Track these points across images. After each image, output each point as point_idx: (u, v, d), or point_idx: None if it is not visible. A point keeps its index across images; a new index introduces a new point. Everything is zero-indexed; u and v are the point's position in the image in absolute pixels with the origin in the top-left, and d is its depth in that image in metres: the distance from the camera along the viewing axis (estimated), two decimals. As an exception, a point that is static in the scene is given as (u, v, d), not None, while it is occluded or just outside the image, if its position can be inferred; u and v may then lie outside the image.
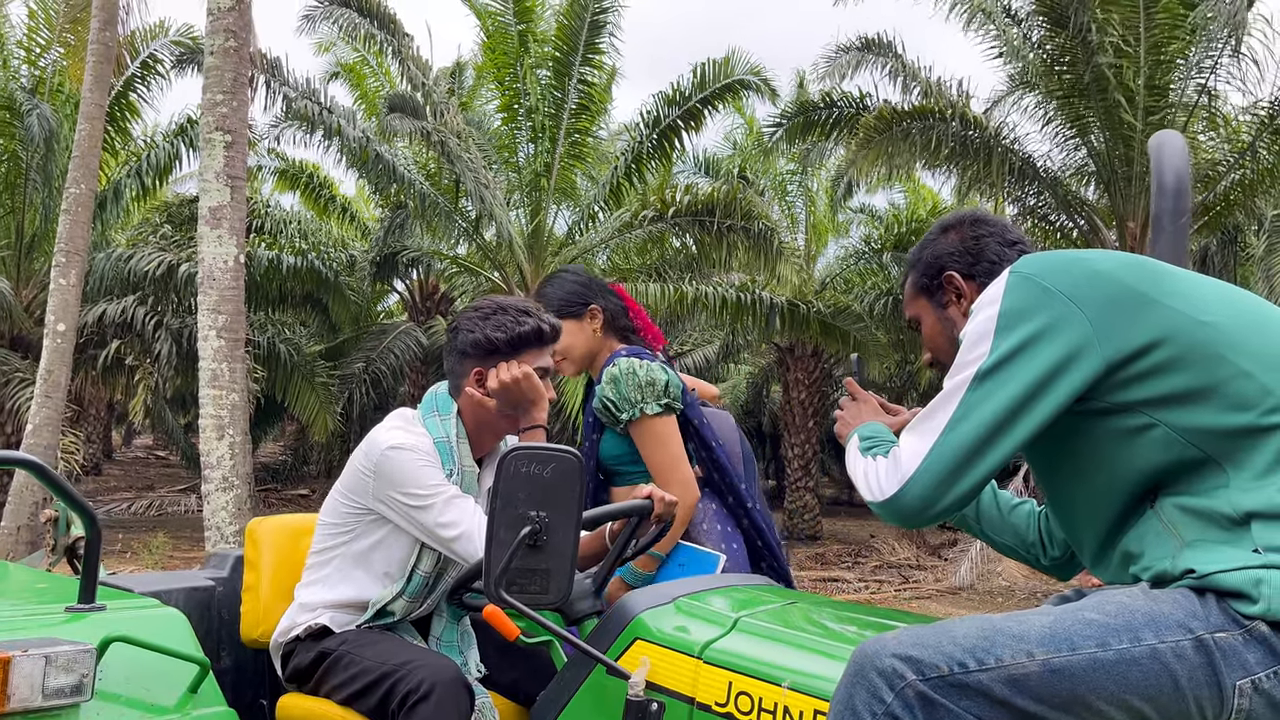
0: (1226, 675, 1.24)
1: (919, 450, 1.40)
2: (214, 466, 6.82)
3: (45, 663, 1.57)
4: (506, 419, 2.19)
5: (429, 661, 1.94)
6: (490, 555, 1.52)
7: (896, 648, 1.30)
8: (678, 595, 1.73)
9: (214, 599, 2.30)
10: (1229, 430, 1.32)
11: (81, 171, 8.94)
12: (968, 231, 1.74)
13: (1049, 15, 11.59)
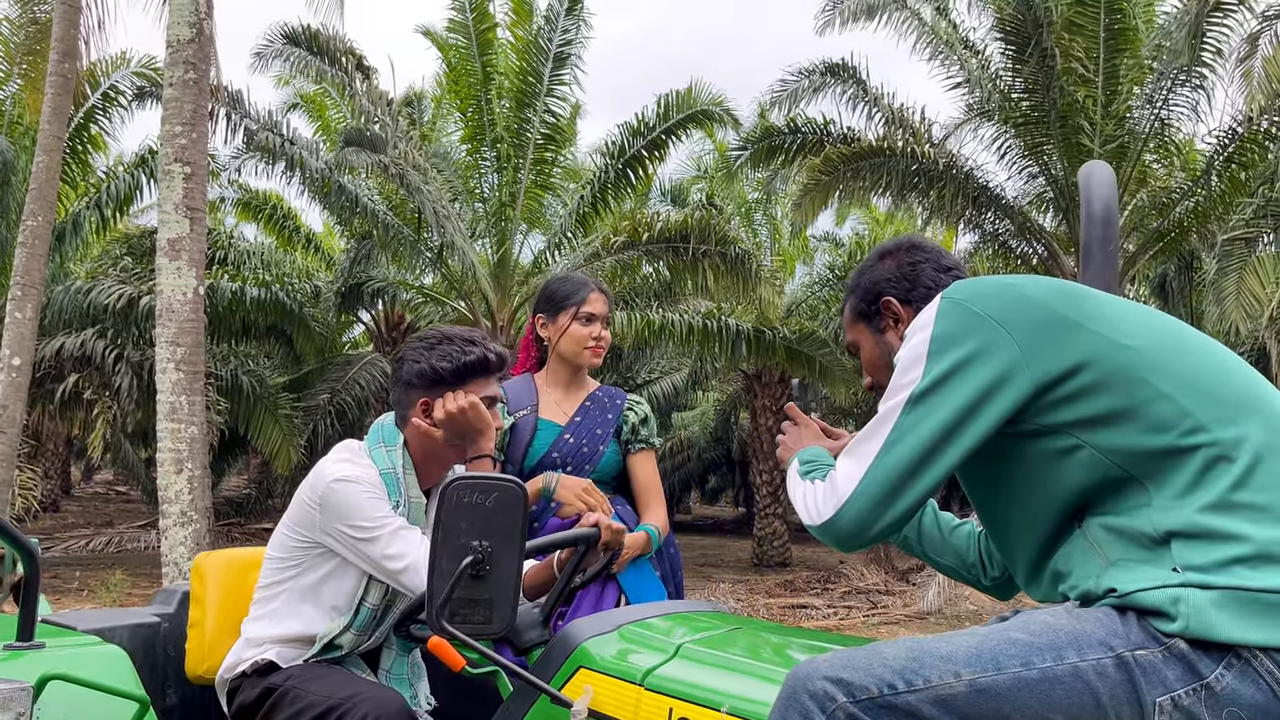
0: (1147, 692, 1.26)
1: (854, 474, 1.43)
2: (172, 501, 6.71)
3: None
4: (454, 449, 2.18)
5: (374, 694, 1.93)
6: (432, 586, 1.50)
7: (828, 670, 1.32)
8: (622, 623, 1.73)
9: (159, 635, 2.26)
10: (1150, 451, 1.35)
11: (39, 204, 8.83)
12: (904, 258, 1.77)
13: (1012, 43, 11.80)
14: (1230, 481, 1.30)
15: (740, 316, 14.31)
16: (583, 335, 2.72)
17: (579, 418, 2.73)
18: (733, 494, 31.18)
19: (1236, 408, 1.35)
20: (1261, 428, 1.34)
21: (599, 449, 2.70)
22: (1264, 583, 1.25)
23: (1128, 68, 11.86)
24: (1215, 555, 1.28)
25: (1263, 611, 1.25)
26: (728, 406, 22.92)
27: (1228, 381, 1.39)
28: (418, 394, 2.18)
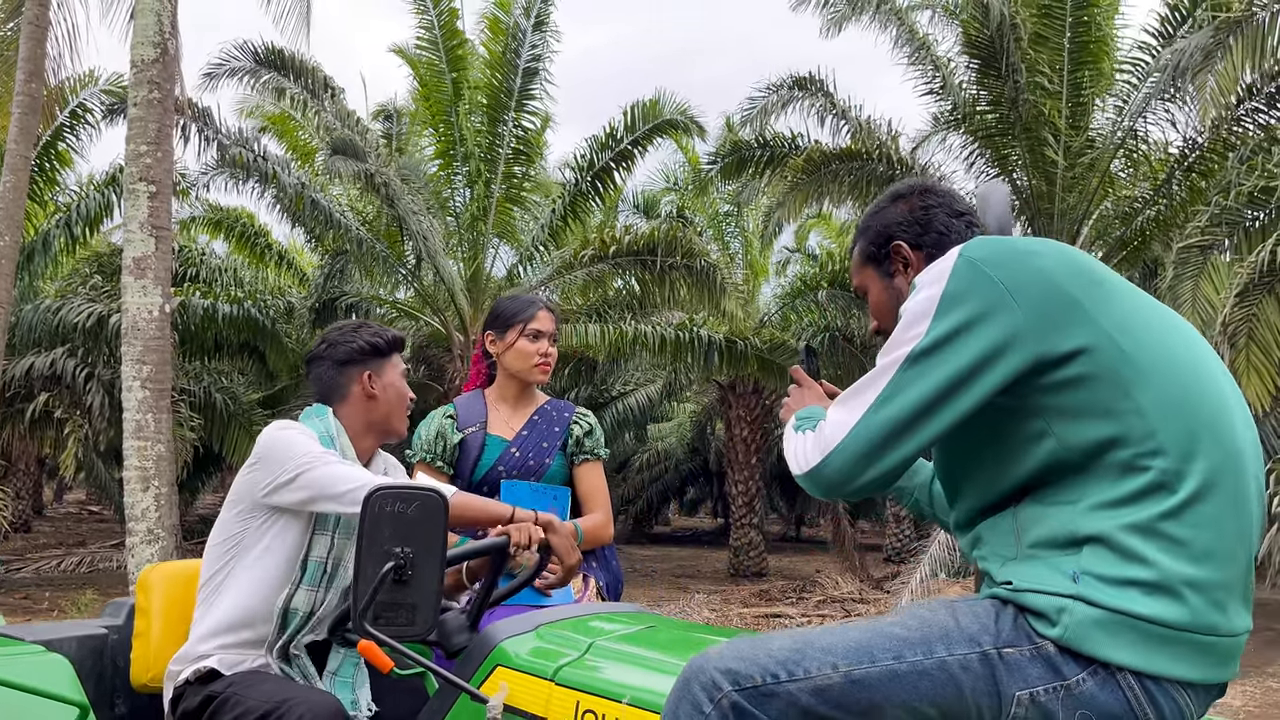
0: (1007, 686, 1.33)
1: (844, 423, 1.43)
2: (139, 519, 6.71)
3: None
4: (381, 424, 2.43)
5: (309, 699, 2.00)
6: (357, 590, 1.57)
7: (719, 661, 1.38)
8: (541, 623, 1.80)
9: (108, 646, 2.30)
10: (1107, 459, 1.36)
11: (6, 224, 8.82)
12: (916, 201, 1.72)
13: (979, 56, 11.96)
14: (1163, 510, 1.32)
15: (713, 328, 14.41)
16: (530, 351, 2.81)
17: (526, 431, 2.82)
18: (711, 505, 31.24)
19: (1200, 439, 1.36)
20: (1213, 464, 1.35)
21: (545, 461, 2.79)
22: (1152, 611, 1.30)
23: (1091, 79, 12.07)
24: (1118, 572, 1.32)
25: (1141, 638, 1.30)
26: (703, 418, 22.99)
27: (1202, 406, 1.38)
28: (357, 369, 2.42)
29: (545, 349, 2.82)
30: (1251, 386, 7.83)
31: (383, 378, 2.43)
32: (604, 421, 19.35)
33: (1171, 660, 1.30)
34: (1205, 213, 9.57)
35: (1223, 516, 1.34)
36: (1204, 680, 1.34)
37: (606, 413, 19.54)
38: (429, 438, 2.83)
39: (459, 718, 1.71)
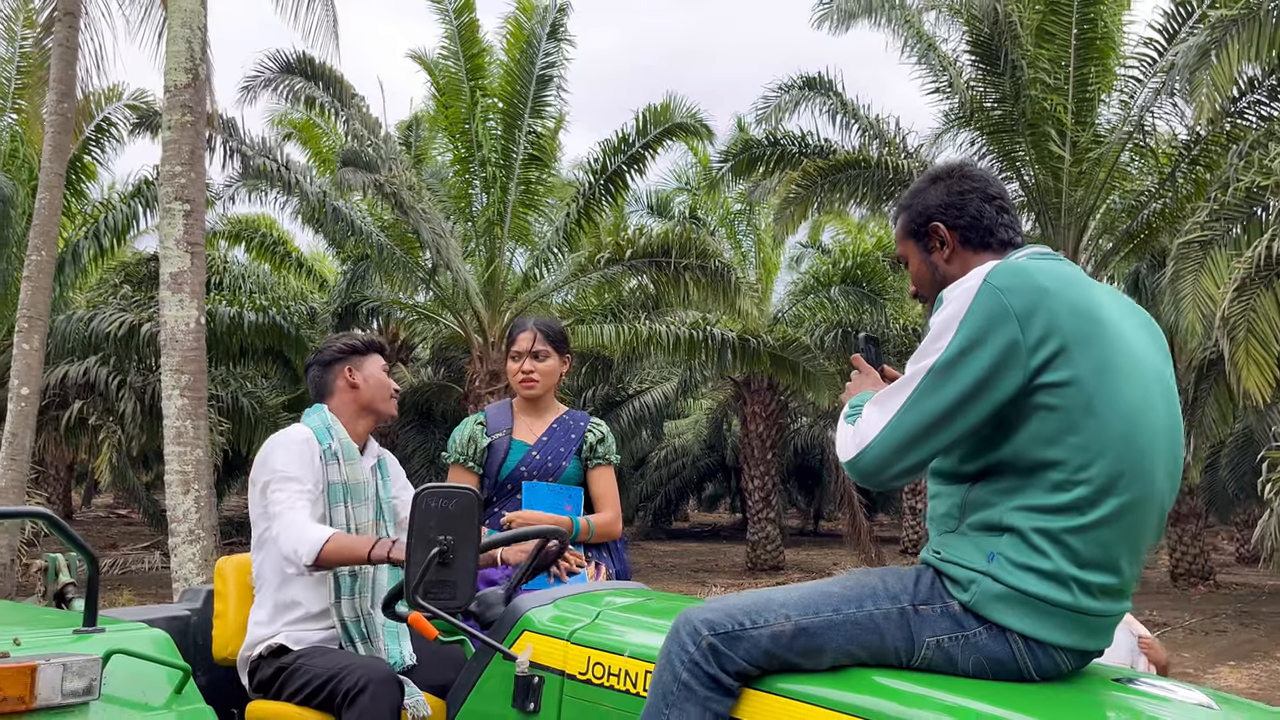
0: (919, 634, 1.69)
1: (877, 424, 1.71)
2: (180, 520, 7.05)
3: (63, 669, 1.99)
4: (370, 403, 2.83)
5: (365, 664, 2.40)
6: (409, 571, 1.92)
7: (700, 614, 1.76)
8: (558, 597, 2.18)
9: (190, 626, 2.70)
10: (1048, 476, 1.65)
11: (42, 239, 9.16)
12: (954, 185, 1.91)
13: (981, 54, 12.14)
14: (1070, 525, 1.64)
15: (726, 325, 14.65)
16: (513, 370, 3.21)
17: (545, 438, 3.19)
18: (729, 500, 31.46)
19: (1121, 479, 1.64)
20: (1123, 501, 1.65)
21: (561, 464, 3.16)
22: (1042, 593, 1.64)
23: (1097, 75, 12.21)
24: (1024, 560, 1.65)
25: (1030, 611, 1.65)
26: (718, 414, 23.19)
27: (1131, 451, 1.65)
28: (340, 365, 2.83)
29: (526, 366, 3.16)
30: (1251, 378, 8.04)
31: (362, 370, 2.82)
32: (620, 419, 19.61)
33: (1051, 629, 1.65)
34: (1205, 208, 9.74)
35: (1115, 540, 1.67)
36: (1076, 646, 1.69)
37: (623, 410, 19.81)
38: (462, 441, 3.19)
39: (493, 674, 2.06)
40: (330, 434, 2.75)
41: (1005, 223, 1.91)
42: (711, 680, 1.70)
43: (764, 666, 1.72)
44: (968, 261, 1.89)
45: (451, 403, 15.79)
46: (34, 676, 1.94)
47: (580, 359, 16.78)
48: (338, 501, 2.70)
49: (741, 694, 1.72)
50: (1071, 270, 1.78)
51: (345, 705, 2.32)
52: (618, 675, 1.89)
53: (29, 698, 1.92)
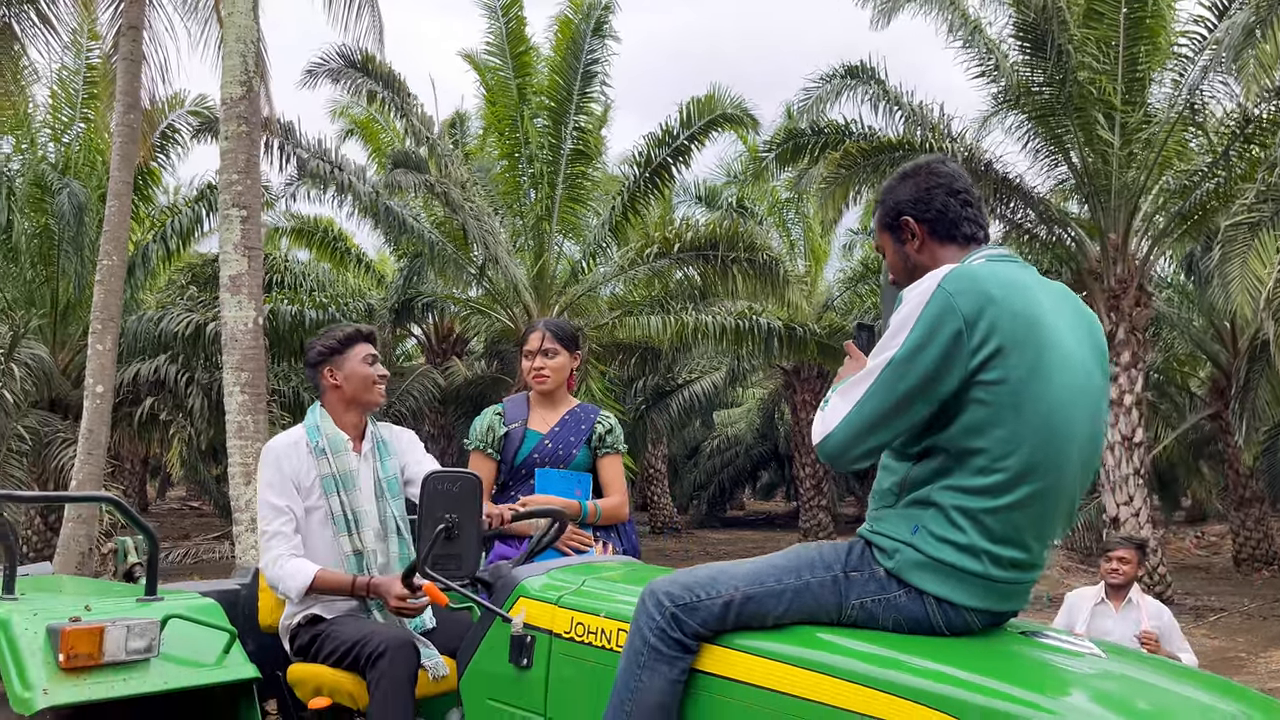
0: (846, 596, 1.94)
1: (840, 411, 1.91)
2: (243, 510, 7.45)
3: (126, 631, 2.36)
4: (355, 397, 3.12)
5: (385, 632, 2.72)
6: (419, 547, 2.21)
7: (661, 585, 2.02)
8: (551, 568, 2.45)
9: (239, 598, 3.05)
10: (976, 462, 1.85)
11: (113, 244, 9.65)
12: (921, 181, 2.08)
13: (1028, 37, 12.03)
14: (986, 506, 1.84)
15: (773, 315, 14.75)
16: (526, 367, 3.50)
17: (558, 428, 3.47)
18: (784, 488, 31.52)
19: (1036, 470, 1.84)
20: (1036, 489, 1.85)
21: (572, 452, 3.44)
22: (957, 562, 1.86)
23: (1147, 54, 12.03)
24: (943, 533, 1.87)
25: (945, 578, 1.87)
26: (770, 402, 23.25)
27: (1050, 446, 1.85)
28: (322, 367, 3.11)
29: (537, 364, 3.45)
30: (1296, 361, 7.97)
31: (342, 369, 3.09)
32: (670, 409, 19.81)
33: (963, 594, 1.87)
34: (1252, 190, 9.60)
35: (1025, 522, 1.88)
36: (987, 609, 1.91)
37: (673, 400, 20.00)
38: (481, 430, 3.48)
39: (495, 635, 2.35)
40: (319, 431, 3.05)
41: (969, 216, 2.08)
42: (675, 643, 1.96)
43: (718, 630, 1.98)
44: (935, 252, 2.07)
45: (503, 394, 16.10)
46: (102, 636, 2.31)
47: (629, 350, 17.00)
48: (331, 491, 2.99)
49: (702, 649, 1.98)
50: (1021, 275, 1.95)
51: (368, 666, 2.63)
52: (596, 634, 2.16)
53: (98, 654, 2.30)
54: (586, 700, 2.11)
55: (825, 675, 1.80)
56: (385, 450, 3.16)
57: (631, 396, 19.80)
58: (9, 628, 2.35)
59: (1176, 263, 16.07)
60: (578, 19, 13.52)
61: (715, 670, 1.95)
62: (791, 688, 1.83)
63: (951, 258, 2.05)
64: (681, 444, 24.74)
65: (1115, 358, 12.10)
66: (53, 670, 2.29)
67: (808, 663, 1.84)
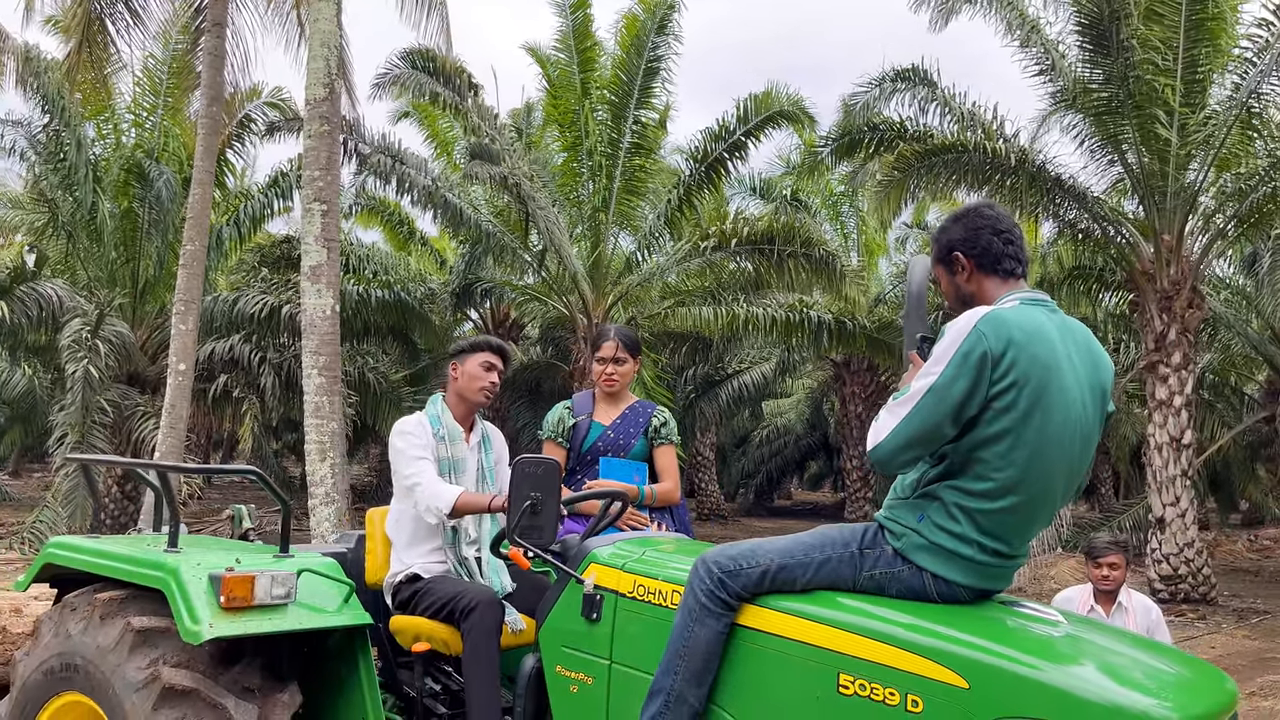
0: (860, 568, 2.38)
1: (888, 425, 2.28)
2: (318, 484, 7.95)
3: (271, 580, 2.88)
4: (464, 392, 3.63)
5: (477, 590, 3.22)
6: (509, 519, 2.67)
7: (710, 555, 2.48)
8: (616, 540, 2.89)
9: (347, 560, 3.52)
10: (974, 468, 2.25)
11: (195, 230, 10.22)
12: (969, 223, 2.47)
13: (1090, 34, 12.06)
14: (982, 508, 2.25)
15: (824, 308, 14.96)
16: (598, 372, 4.00)
17: (619, 421, 3.98)
18: (833, 479, 31.67)
19: (1026, 481, 2.22)
20: (1024, 498, 2.23)
21: (631, 442, 3.94)
22: (952, 546, 2.27)
23: (1208, 56, 12.01)
24: (943, 523, 2.28)
25: (942, 558, 2.28)
26: (819, 394, 23.41)
27: (1042, 463, 2.22)
28: (452, 361, 3.68)
29: (609, 370, 3.95)
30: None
31: (464, 365, 3.62)
32: (720, 398, 20.11)
33: (954, 572, 2.29)
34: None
35: (1009, 524, 2.28)
36: (974, 585, 2.31)
37: (722, 390, 20.30)
38: (553, 421, 3.99)
39: (569, 594, 2.78)
40: (440, 421, 3.56)
41: (1010, 254, 2.46)
42: (721, 602, 2.40)
43: (756, 592, 2.41)
44: (981, 283, 2.46)
45: (558, 380, 16.57)
46: (254, 583, 2.85)
47: (680, 339, 17.32)
48: (445, 472, 3.49)
49: (742, 609, 2.42)
50: (1045, 320, 2.31)
51: (462, 618, 3.11)
52: (655, 594, 2.61)
53: (250, 597, 2.83)
54: (646, 648, 2.53)
55: (842, 630, 2.22)
56: (488, 444, 3.68)
57: (682, 385, 20.13)
58: (179, 574, 2.84)
59: (1237, 263, 15.97)
60: (644, 16, 13.80)
61: (753, 625, 2.38)
62: (815, 640, 2.25)
63: (994, 288, 2.44)
64: (730, 433, 25.04)
65: (1166, 359, 12.16)
66: (215, 609, 2.77)
67: (829, 620, 2.26)
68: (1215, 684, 2.18)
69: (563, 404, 4.06)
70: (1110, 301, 15.43)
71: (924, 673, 2.05)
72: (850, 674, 2.16)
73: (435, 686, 3.34)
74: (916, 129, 13.39)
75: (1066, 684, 1.94)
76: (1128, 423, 16.71)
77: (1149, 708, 1.90)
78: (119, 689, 2.84)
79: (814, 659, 2.23)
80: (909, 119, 13.55)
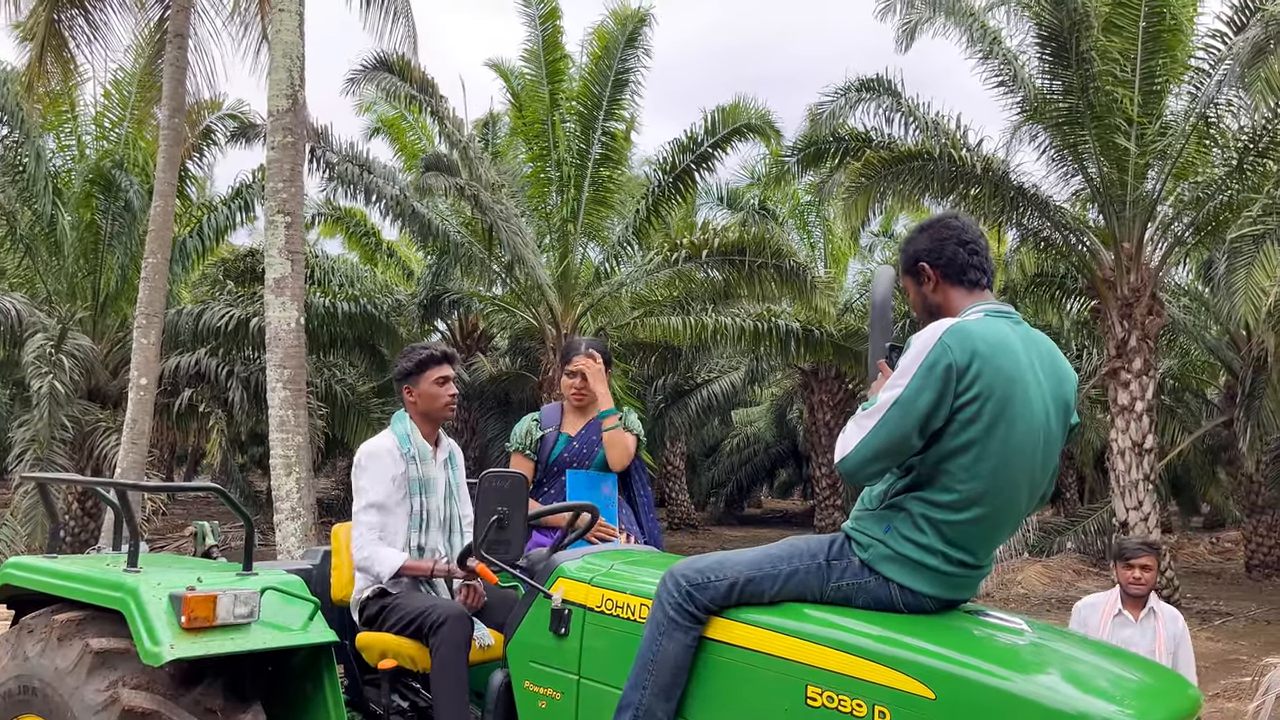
0: (828, 579, 2.39)
1: (854, 438, 2.28)
2: (284, 499, 7.86)
3: (234, 599, 2.82)
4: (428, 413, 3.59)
5: (445, 604, 3.20)
6: (476, 533, 2.64)
7: (678, 569, 2.48)
8: (586, 554, 2.87)
9: (312, 576, 3.52)
10: (940, 480, 2.26)
11: (157, 243, 10.10)
12: (934, 234, 2.49)
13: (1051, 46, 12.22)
14: (946, 519, 2.26)
15: (791, 316, 15.03)
16: (568, 384, 4.01)
17: (584, 431, 4.00)
18: (802, 487, 31.77)
19: (990, 493, 2.24)
20: (986, 510, 2.25)
21: (595, 449, 3.96)
22: (918, 557, 2.28)
23: (1164, 67, 12.22)
24: (909, 534, 2.29)
25: (908, 569, 2.29)
26: (784, 402, 23.49)
27: (1005, 476, 2.24)
28: (403, 384, 3.61)
29: (578, 384, 3.95)
30: (1292, 371, 8.22)
31: (418, 387, 3.56)
32: (689, 408, 20.13)
33: (920, 583, 2.30)
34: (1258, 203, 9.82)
35: (974, 535, 2.30)
36: (939, 596, 2.32)
37: (691, 399, 20.34)
38: (520, 434, 4.01)
39: (537, 609, 2.75)
40: (409, 440, 3.53)
41: (975, 264, 2.47)
42: (689, 615, 2.39)
43: (724, 605, 2.41)
44: (947, 292, 2.47)
45: (528, 391, 16.53)
46: (215, 602, 2.80)
47: (649, 349, 17.34)
48: (415, 492, 3.47)
49: (710, 622, 2.40)
50: (1009, 333, 2.33)
51: (430, 634, 3.08)
52: (623, 608, 2.59)
53: (212, 617, 2.78)
54: (614, 663, 2.52)
55: (809, 642, 2.22)
56: (454, 463, 3.66)
57: (651, 395, 20.15)
58: (138, 594, 2.80)
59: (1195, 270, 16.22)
60: (615, 29, 13.83)
61: (722, 638, 2.37)
62: (783, 652, 2.24)
63: (960, 299, 2.45)
64: (700, 442, 25.07)
65: (1127, 365, 12.33)
66: (176, 630, 2.73)
67: (796, 632, 2.27)
68: (1178, 690, 2.21)
69: (530, 416, 4.06)
70: (1073, 309, 15.64)
71: (890, 683, 2.05)
72: (818, 686, 2.15)
73: (403, 704, 3.30)
74: (880, 139, 13.53)
75: (1031, 693, 1.96)
76: (1092, 428, 16.91)
77: (1112, 715, 1.92)
78: (78, 712, 2.79)
79: (782, 671, 2.22)
80: (874, 129, 13.70)
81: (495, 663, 3.00)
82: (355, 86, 13.73)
